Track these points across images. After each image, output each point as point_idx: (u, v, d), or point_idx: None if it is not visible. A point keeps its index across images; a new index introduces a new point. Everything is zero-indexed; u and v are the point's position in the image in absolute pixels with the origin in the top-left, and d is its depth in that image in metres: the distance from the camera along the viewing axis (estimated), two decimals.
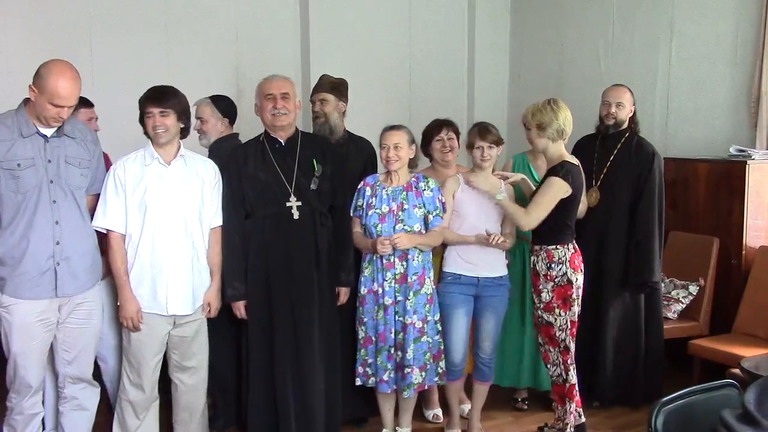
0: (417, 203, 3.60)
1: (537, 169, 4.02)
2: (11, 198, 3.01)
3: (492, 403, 4.06)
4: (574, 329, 3.63)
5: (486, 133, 3.66)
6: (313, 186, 3.49)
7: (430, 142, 4.00)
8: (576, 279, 3.60)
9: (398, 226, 3.55)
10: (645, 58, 5.42)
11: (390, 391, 3.64)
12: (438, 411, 4.15)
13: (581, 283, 3.63)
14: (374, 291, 3.59)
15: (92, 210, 3.26)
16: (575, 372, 3.67)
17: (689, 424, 2.20)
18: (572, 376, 3.63)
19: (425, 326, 3.58)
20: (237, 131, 4.16)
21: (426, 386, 3.70)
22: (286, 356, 3.46)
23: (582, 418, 3.77)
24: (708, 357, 4.20)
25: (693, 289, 4.55)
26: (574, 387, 3.66)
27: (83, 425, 3.34)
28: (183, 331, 3.36)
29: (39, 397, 3.20)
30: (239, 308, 3.50)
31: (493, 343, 3.76)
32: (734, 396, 2.31)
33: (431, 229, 3.61)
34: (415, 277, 3.56)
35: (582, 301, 3.67)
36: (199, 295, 3.36)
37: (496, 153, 3.70)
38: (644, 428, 2.21)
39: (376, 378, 3.62)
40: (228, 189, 3.44)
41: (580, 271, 3.63)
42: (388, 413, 3.79)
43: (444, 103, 6.01)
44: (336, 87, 4.02)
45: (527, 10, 6.53)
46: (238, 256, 3.46)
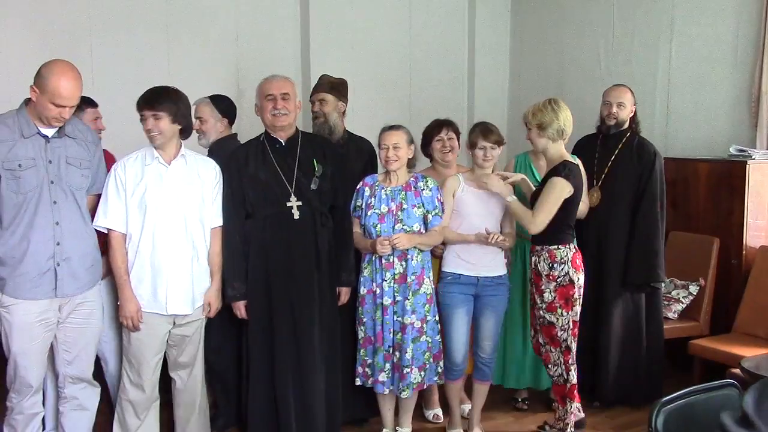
0: (416, 203, 3.60)
1: (539, 169, 4.02)
2: (12, 198, 3.01)
3: (492, 403, 4.06)
4: (576, 329, 3.63)
5: (489, 134, 3.66)
6: (314, 186, 3.49)
7: (431, 142, 4.00)
8: (578, 279, 3.60)
9: (397, 226, 3.55)
10: (645, 58, 5.42)
11: (386, 392, 3.63)
12: (438, 411, 4.15)
13: (582, 283, 3.63)
14: (373, 291, 3.59)
15: (93, 210, 3.26)
16: (576, 372, 3.67)
17: (689, 424, 2.20)
18: (573, 376, 3.63)
19: (425, 326, 3.58)
20: (236, 131, 4.16)
21: (425, 386, 3.70)
22: (287, 356, 3.46)
23: (581, 413, 3.79)
24: (708, 357, 4.20)
25: (693, 289, 4.55)
26: (575, 387, 3.66)
27: (83, 425, 3.34)
28: (184, 331, 3.36)
29: (39, 397, 3.20)
30: (240, 308, 3.49)
31: (493, 343, 3.76)
32: (734, 396, 2.31)
33: (431, 229, 3.61)
34: (414, 277, 3.56)
35: (582, 301, 3.67)
36: (199, 295, 3.36)
37: (498, 153, 3.71)
38: (644, 428, 2.21)
39: (373, 378, 3.63)
40: (228, 189, 3.43)
41: (581, 271, 3.63)
42: (388, 413, 3.79)
43: (444, 103, 6.01)
44: (335, 87, 4.02)
45: (527, 10, 6.53)
46: (239, 256, 3.46)
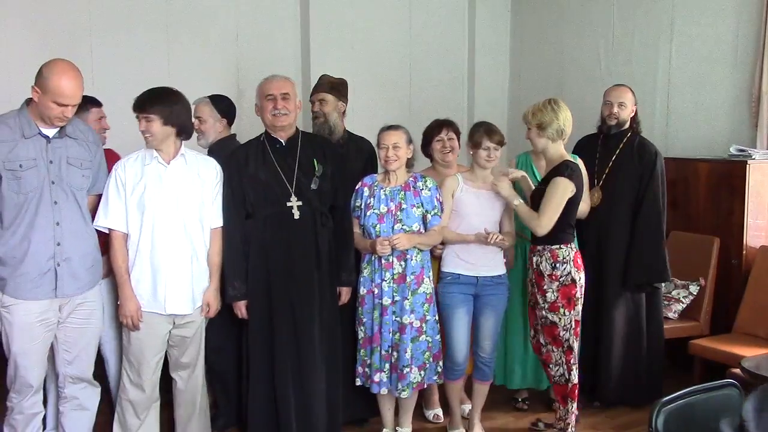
0: (415, 203, 3.60)
1: (539, 169, 4.01)
2: (13, 199, 3.00)
3: (492, 403, 4.06)
4: (578, 328, 3.64)
5: (493, 134, 3.67)
6: (314, 186, 3.49)
7: (431, 143, 3.99)
8: (579, 278, 3.60)
9: (397, 226, 3.55)
10: (645, 58, 5.42)
11: (384, 392, 3.62)
12: (438, 411, 4.15)
13: (583, 282, 3.64)
14: (372, 291, 3.59)
15: (93, 210, 3.26)
16: (578, 372, 3.67)
17: (690, 424, 2.20)
18: (575, 376, 3.63)
19: (424, 325, 3.58)
20: (235, 132, 4.16)
21: (425, 385, 3.70)
22: (287, 356, 3.46)
23: (575, 411, 3.79)
24: (708, 357, 4.20)
25: (693, 289, 4.55)
26: (576, 387, 3.66)
27: (84, 425, 3.33)
28: (184, 332, 3.36)
29: (39, 397, 3.20)
30: (240, 308, 3.49)
31: (493, 342, 3.76)
32: (735, 396, 2.31)
33: (430, 229, 3.61)
34: (413, 277, 3.55)
35: (583, 301, 3.67)
36: (199, 295, 3.36)
37: (500, 154, 3.71)
38: (645, 428, 2.21)
39: (370, 378, 3.63)
40: (228, 189, 3.43)
41: (582, 270, 3.64)
42: (389, 413, 3.79)
43: (444, 103, 6.01)
44: (335, 87, 4.02)
45: (527, 10, 6.53)
46: (239, 256, 3.45)
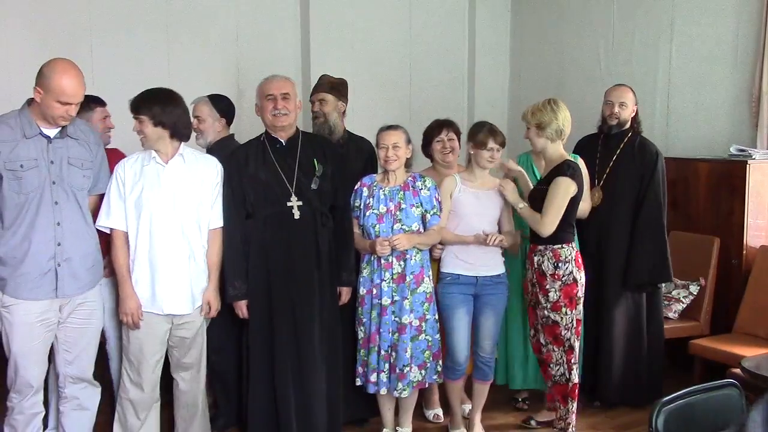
0: (414, 202, 3.60)
1: (540, 169, 4.01)
2: (13, 199, 3.01)
3: (493, 403, 4.06)
4: (579, 328, 3.64)
5: (497, 135, 3.68)
6: (314, 186, 3.49)
7: (431, 143, 3.99)
8: (580, 277, 3.61)
9: (396, 226, 3.55)
10: (645, 58, 5.42)
11: (383, 392, 3.62)
12: (438, 411, 4.15)
13: (584, 282, 3.64)
14: (371, 291, 3.59)
15: (94, 210, 3.27)
16: (578, 371, 3.67)
17: (690, 424, 2.20)
18: (575, 376, 3.64)
19: (424, 324, 3.58)
20: (233, 132, 4.16)
21: (426, 384, 3.70)
22: (287, 356, 3.46)
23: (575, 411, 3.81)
24: (709, 357, 4.20)
25: (693, 289, 4.55)
26: (577, 386, 3.66)
27: (84, 425, 3.33)
28: (183, 333, 3.36)
29: (40, 397, 3.20)
30: (241, 308, 3.49)
31: (493, 342, 3.76)
32: (735, 396, 2.32)
33: (429, 228, 3.61)
34: (413, 276, 3.56)
35: (583, 301, 3.68)
36: (198, 295, 3.36)
37: (500, 155, 3.73)
38: (645, 428, 2.21)
39: (367, 378, 3.63)
40: (229, 189, 3.43)
41: (582, 269, 3.65)
42: (389, 413, 3.79)
43: (444, 103, 6.01)
44: (335, 87, 4.02)
45: (527, 10, 6.53)
46: (240, 256, 3.45)
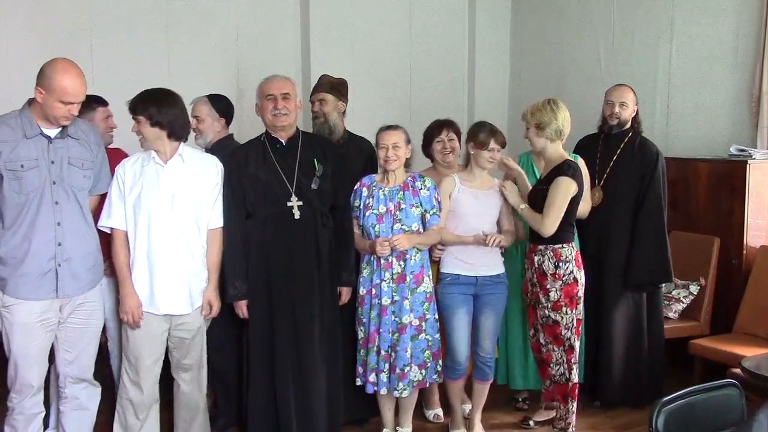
0: (414, 202, 3.60)
1: (540, 169, 4.02)
2: (14, 199, 3.01)
3: (493, 403, 4.06)
4: (579, 327, 3.65)
5: (498, 135, 3.69)
6: (314, 186, 3.49)
7: (431, 143, 3.99)
8: (580, 277, 3.62)
9: (396, 226, 3.55)
10: (645, 58, 5.42)
11: (383, 392, 3.62)
12: (439, 411, 4.15)
13: (584, 281, 3.65)
14: (370, 291, 3.59)
15: (95, 210, 3.27)
16: (578, 371, 3.67)
17: (690, 424, 2.20)
18: (575, 375, 3.64)
19: (424, 324, 3.58)
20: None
21: (427, 384, 3.70)
22: (287, 356, 3.46)
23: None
24: (709, 357, 4.20)
25: (694, 289, 4.55)
26: (577, 386, 3.66)
27: (84, 425, 3.33)
28: (183, 333, 3.35)
29: (40, 398, 3.19)
30: (241, 308, 3.49)
31: (493, 342, 3.76)
32: (735, 396, 2.32)
33: (429, 228, 3.61)
34: (413, 276, 3.56)
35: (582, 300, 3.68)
36: (197, 296, 3.35)
37: (500, 156, 3.74)
38: (645, 428, 2.21)
39: (365, 378, 3.63)
40: (229, 189, 3.43)
41: (582, 269, 3.65)
42: (389, 413, 3.79)
43: (444, 103, 6.01)
44: (335, 87, 4.02)
45: (527, 10, 6.53)
46: (240, 256, 3.45)
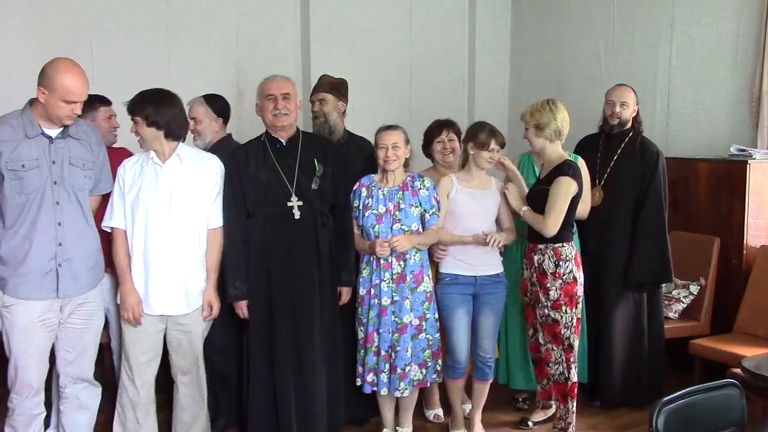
0: (413, 202, 3.60)
1: (541, 169, 4.02)
2: (15, 199, 3.01)
3: (493, 403, 4.06)
4: (578, 326, 3.65)
5: (498, 135, 3.69)
6: (315, 186, 3.49)
7: (431, 143, 4.00)
8: (579, 276, 3.62)
9: (395, 226, 3.55)
10: (645, 58, 5.42)
11: (384, 393, 3.62)
12: (439, 411, 4.15)
13: (583, 280, 3.65)
14: (369, 292, 3.59)
15: (95, 210, 3.27)
16: (577, 370, 3.67)
17: (690, 424, 2.20)
18: (574, 375, 3.64)
19: (424, 323, 3.58)
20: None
21: (428, 383, 3.70)
22: (287, 356, 3.46)
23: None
24: (709, 357, 4.19)
25: (694, 289, 4.55)
26: (576, 385, 3.67)
27: (84, 425, 3.33)
28: (179, 334, 3.35)
29: (41, 398, 3.19)
30: (241, 308, 3.49)
31: (493, 341, 3.76)
32: (735, 396, 2.32)
33: (428, 228, 3.61)
34: (412, 276, 3.56)
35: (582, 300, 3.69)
36: (195, 296, 3.34)
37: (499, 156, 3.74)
38: (645, 428, 2.21)
39: (363, 378, 3.63)
40: (229, 189, 3.43)
41: (581, 268, 3.66)
42: (389, 413, 3.79)
43: (444, 103, 6.01)
44: (335, 87, 4.02)
45: (527, 10, 6.53)
46: (240, 256, 3.45)
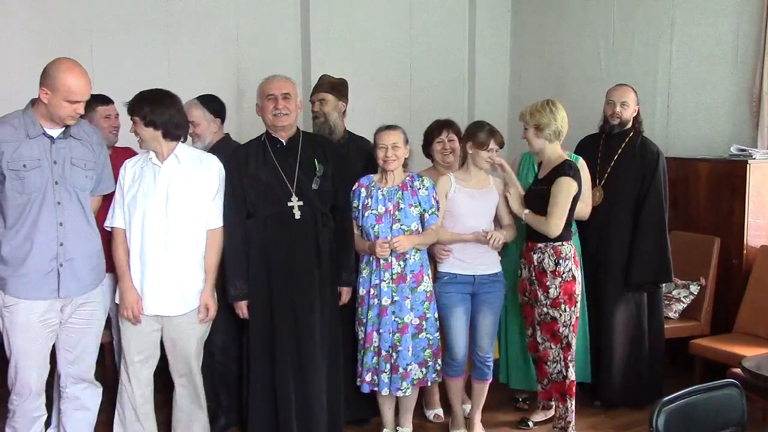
0: (413, 202, 3.60)
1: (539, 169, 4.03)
2: (16, 198, 3.01)
3: (493, 403, 4.06)
4: (577, 325, 3.65)
5: (497, 135, 3.69)
6: (315, 186, 3.49)
7: (431, 144, 4.00)
8: (578, 275, 3.63)
9: (395, 226, 3.55)
10: (645, 58, 5.42)
11: (383, 392, 3.62)
12: (439, 411, 4.15)
13: (581, 279, 3.65)
14: (369, 292, 3.59)
15: (97, 210, 3.27)
16: (574, 369, 3.68)
17: (690, 424, 2.20)
18: (572, 373, 3.65)
19: (424, 323, 3.59)
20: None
21: (428, 383, 3.70)
22: (287, 356, 3.46)
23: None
24: (709, 357, 4.19)
25: (694, 289, 4.55)
26: (574, 384, 3.67)
27: (85, 425, 3.33)
28: (174, 335, 3.34)
29: (42, 400, 3.18)
30: (241, 308, 3.49)
31: (491, 341, 3.76)
32: (735, 396, 2.32)
33: (427, 228, 3.62)
34: (412, 275, 3.56)
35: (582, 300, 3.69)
36: (192, 297, 3.33)
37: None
38: (645, 428, 2.21)
39: (361, 378, 3.64)
40: (229, 189, 3.43)
41: (579, 268, 3.66)
42: (389, 413, 3.79)
43: (444, 103, 6.01)
44: (335, 87, 4.02)
45: (527, 10, 6.54)
46: (240, 256, 3.45)
